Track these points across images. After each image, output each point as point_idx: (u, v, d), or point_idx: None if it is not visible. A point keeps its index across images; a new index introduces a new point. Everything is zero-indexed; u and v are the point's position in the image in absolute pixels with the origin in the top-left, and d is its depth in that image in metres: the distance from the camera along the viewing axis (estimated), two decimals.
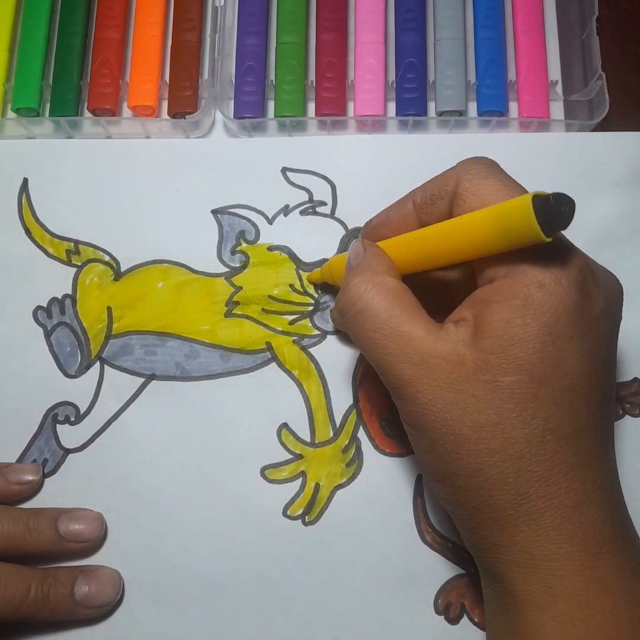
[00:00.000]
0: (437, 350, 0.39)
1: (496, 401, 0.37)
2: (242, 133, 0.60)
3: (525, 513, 0.38)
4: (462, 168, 0.41)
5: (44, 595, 0.48)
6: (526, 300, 0.37)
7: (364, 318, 0.42)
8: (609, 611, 0.38)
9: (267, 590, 0.52)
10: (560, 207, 0.35)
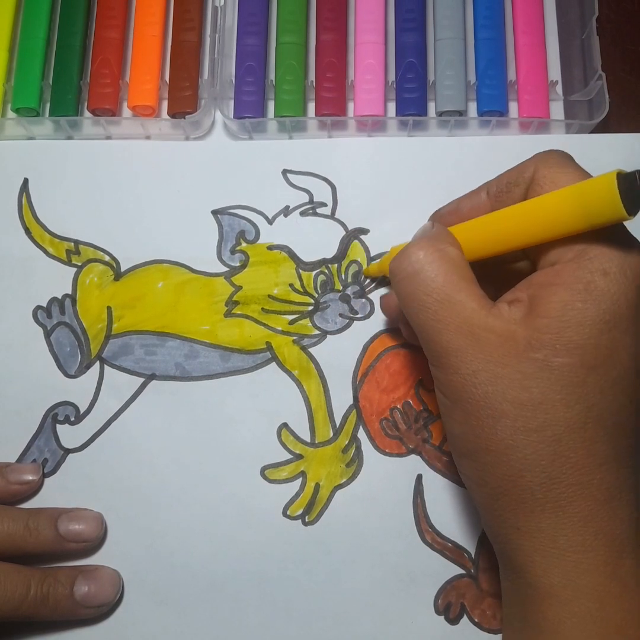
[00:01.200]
0: (489, 323, 0.38)
1: (544, 380, 0.37)
2: (242, 133, 0.60)
3: (554, 499, 0.38)
4: (541, 157, 0.41)
5: (43, 595, 0.48)
6: (589, 285, 0.36)
7: (418, 279, 0.41)
8: (630, 611, 0.37)
9: (267, 590, 0.52)
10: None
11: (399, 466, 0.53)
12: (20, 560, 0.50)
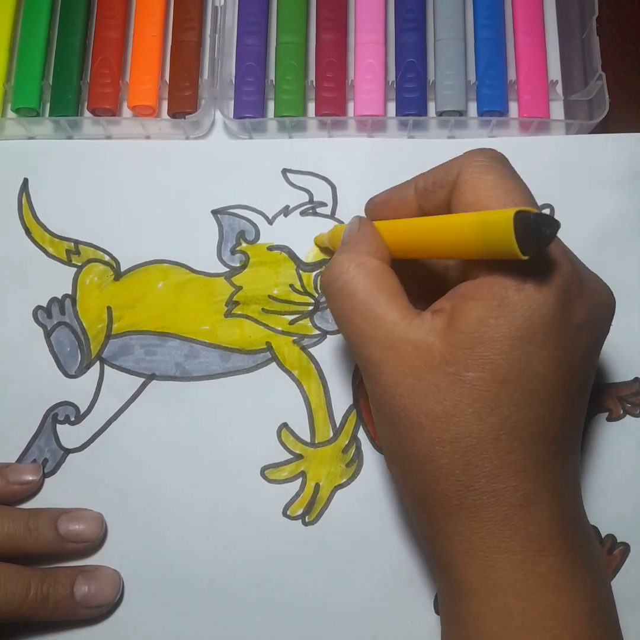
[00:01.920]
0: (408, 336, 0.39)
1: (455, 394, 0.38)
2: (242, 133, 0.60)
3: (469, 505, 0.39)
4: (466, 159, 0.41)
5: (43, 595, 0.48)
6: (502, 301, 0.37)
7: (342, 296, 0.42)
8: (549, 604, 0.38)
9: (266, 590, 0.52)
10: (541, 227, 0.34)
11: None
12: (20, 561, 0.50)
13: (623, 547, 0.52)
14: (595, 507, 0.52)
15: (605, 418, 0.54)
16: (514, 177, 0.40)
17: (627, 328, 0.55)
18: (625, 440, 0.54)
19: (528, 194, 0.40)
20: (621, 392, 0.54)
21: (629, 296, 0.56)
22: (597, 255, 0.56)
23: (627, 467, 0.53)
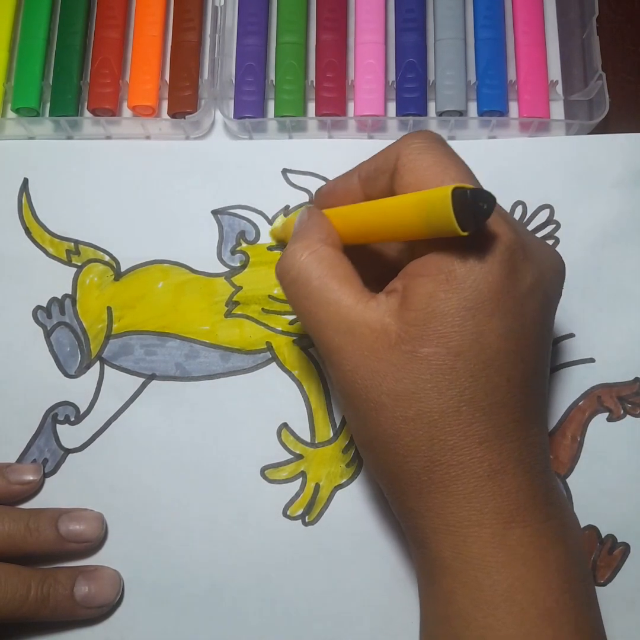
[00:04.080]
0: (364, 318, 0.40)
1: (414, 371, 0.39)
2: (242, 133, 0.60)
3: (438, 480, 0.40)
4: (403, 142, 0.42)
5: (44, 595, 0.48)
6: (449, 274, 0.38)
7: (297, 285, 0.43)
8: (518, 577, 0.39)
9: (266, 590, 0.52)
10: (478, 202, 0.35)
11: None
12: (20, 561, 0.49)
13: (623, 547, 0.52)
14: (595, 507, 0.52)
15: (606, 418, 0.54)
16: (451, 155, 0.41)
17: (627, 328, 0.55)
18: (626, 440, 0.54)
19: (465, 170, 0.41)
20: (622, 393, 0.54)
21: (629, 296, 0.56)
22: (597, 255, 0.56)
23: (627, 467, 0.53)
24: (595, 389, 0.54)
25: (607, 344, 0.55)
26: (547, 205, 0.57)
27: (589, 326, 0.55)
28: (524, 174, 0.58)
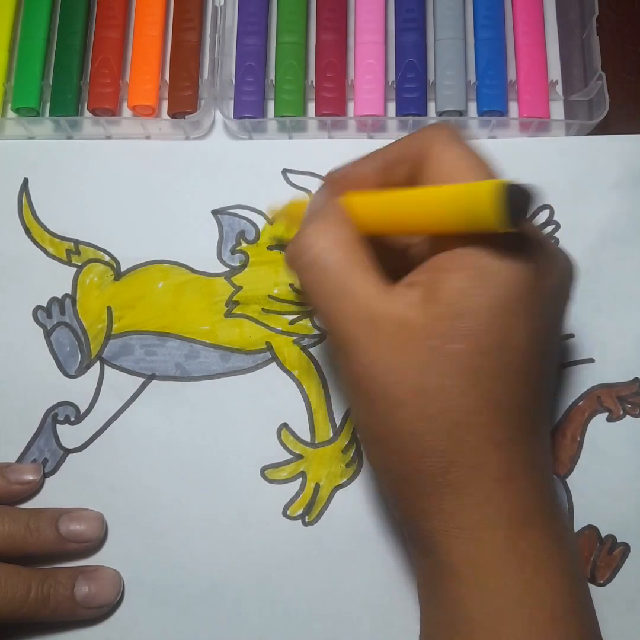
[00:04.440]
0: (386, 310, 0.38)
1: (439, 368, 0.37)
2: (242, 133, 0.60)
3: (453, 481, 0.38)
4: (428, 132, 0.41)
5: (44, 596, 0.48)
6: (481, 271, 0.37)
7: (313, 269, 0.40)
8: (528, 581, 0.38)
9: (266, 590, 0.52)
10: (527, 198, 0.34)
11: None
12: (20, 561, 0.49)
13: (623, 547, 0.52)
14: (595, 507, 0.52)
15: (606, 418, 0.54)
16: (471, 147, 0.40)
17: (627, 328, 0.55)
18: (626, 440, 0.54)
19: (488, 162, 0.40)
20: (621, 393, 0.54)
21: (628, 297, 0.56)
22: (597, 255, 0.56)
23: (627, 467, 0.53)
24: (594, 389, 0.54)
25: (607, 344, 0.55)
26: (546, 205, 0.57)
27: (589, 326, 0.55)
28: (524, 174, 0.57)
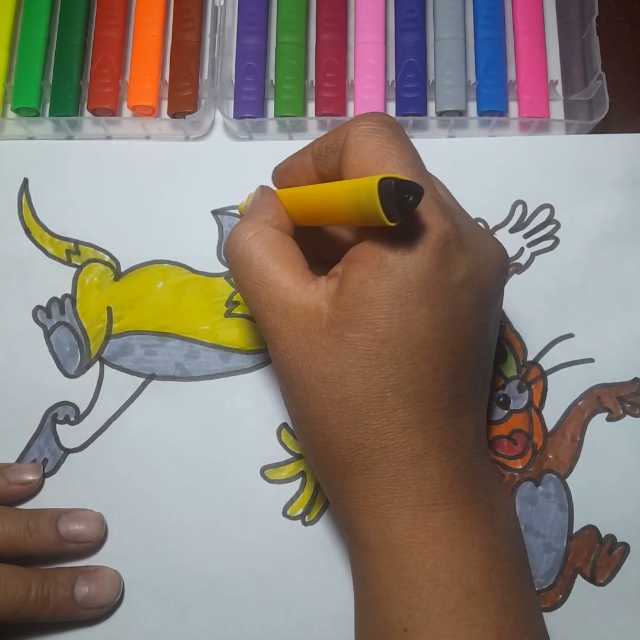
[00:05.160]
0: (300, 301, 0.41)
1: (341, 355, 0.40)
2: (242, 133, 0.60)
3: (361, 463, 0.41)
4: (353, 123, 0.42)
5: (44, 596, 0.48)
6: (381, 262, 0.39)
7: (240, 265, 0.44)
8: (442, 558, 0.40)
9: (266, 590, 0.52)
10: (403, 194, 0.35)
11: None
12: (20, 562, 0.50)
13: (623, 547, 0.52)
14: (595, 507, 0.53)
15: (605, 418, 0.54)
16: (396, 140, 0.41)
17: (627, 328, 0.56)
18: (625, 440, 0.54)
19: (409, 156, 0.41)
20: (621, 393, 0.55)
21: (628, 297, 0.56)
22: (597, 255, 0.57)
23: (627, 467, 0.53)
24: (594, 389, 0.55)
25: (607, 344, 0.55)
26: (547, 204, 0.57)
27: (589, 326, 0.56)
28: (525, 173, 0.58)
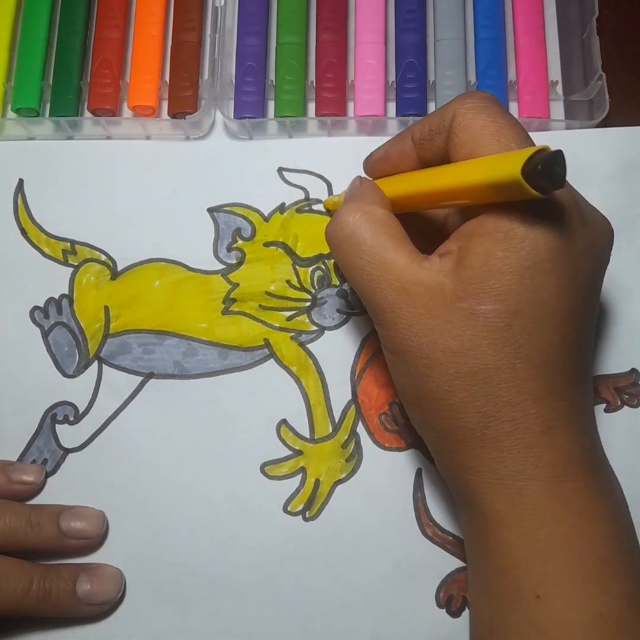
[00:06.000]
0: (419, 277, 0.41)
1: (470, 328, 0.40)
2: (242, 133, 0.61)
3: (491, 435, 0.41)
4: (459, 102, 0.43)
5: (46, 590, 0.49)
6: (508, 233, 0.39)
7: (349, 244, 0.44)
8: (573, 526, 0.40)
9: (268, 586, 0.53)
10: (554, 167, 0.36)
11: (398, 460, 0.55)
12: (21, 556, 0.51)
13: None
14: None
15: (603, 409, 0.55)
16: (505, 115, 0.43)
17: (624, 320, 0.57)
18: (624, 431, 0.55)
19: (520, 130, 0.42)
20: (619, 384, 0.56)
21: (624, 288, 0.57)
22: None
23: (625, 458, 0.54)
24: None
25: (603, 335, 0.56)
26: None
27: None
28: None
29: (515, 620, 0.41)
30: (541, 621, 0.40)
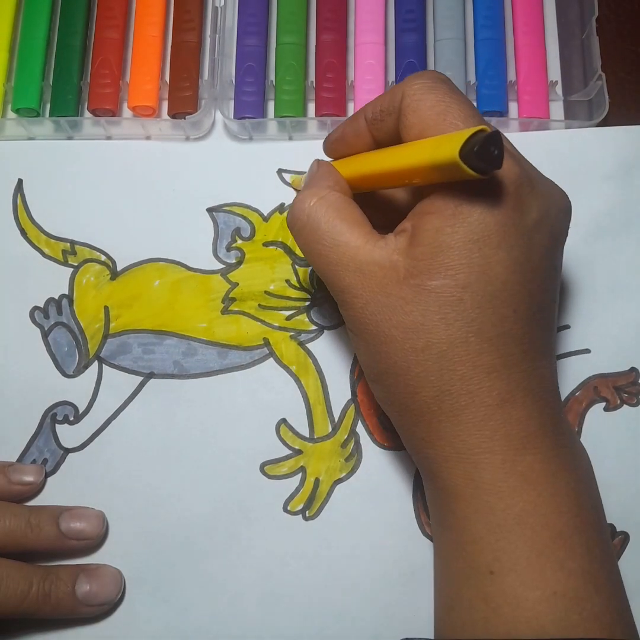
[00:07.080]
0: (373, 257, 0.43)
1: (422, 303, 0.42)
2: (242, 133, 0.62)
3: (447, 409, 0.43)
4: (407, 83, 0.44)
5: (45, 592, 0.50)
6: (455, 209, 0.41)
7: (307, 230, 0.46)
8: (530, 502, 0.42)
9: (268, 585, 0.54)
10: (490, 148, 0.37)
11: (398, 460, 0.56)
12: (21, 557, 0.51)
13: (622, 536, 0.54)
14: None
15: (603, 408, 0.56)
16: (453, 94, 0.43)
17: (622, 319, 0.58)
18: (623, 429, 0.56)
19: (468, 108, 0.43)
20: (618, 382, 0.57)
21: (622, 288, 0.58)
22: (591, 247, 0.59)
23: (625, 457, 0.55)
24: (591, 379, 0.57)
25: (603, 334, 0.57)
26: None
27: (584, 317, 0.58)
28: None
29: (469, 597, 0.43)
30: (495, 598, 0.42)
